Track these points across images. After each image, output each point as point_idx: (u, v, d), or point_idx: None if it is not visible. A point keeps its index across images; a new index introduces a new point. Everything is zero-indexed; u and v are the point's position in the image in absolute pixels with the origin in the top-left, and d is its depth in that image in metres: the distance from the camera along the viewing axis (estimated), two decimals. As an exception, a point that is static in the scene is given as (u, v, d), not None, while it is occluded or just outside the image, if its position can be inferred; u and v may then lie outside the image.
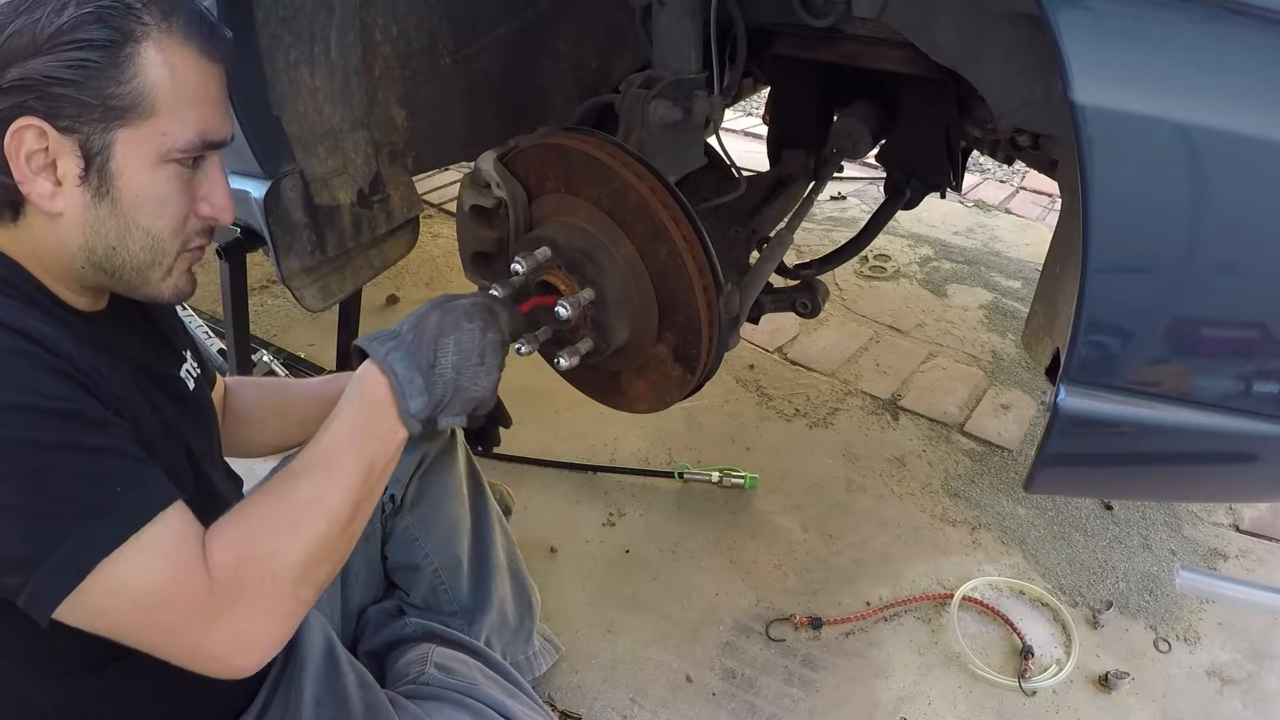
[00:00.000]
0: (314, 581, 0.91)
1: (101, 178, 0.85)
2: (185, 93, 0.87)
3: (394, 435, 0.99)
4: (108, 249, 0.89)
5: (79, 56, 0.81)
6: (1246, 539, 2.02)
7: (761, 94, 2.15)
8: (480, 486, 1.47)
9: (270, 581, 0.86)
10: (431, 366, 1.00)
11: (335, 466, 0.94)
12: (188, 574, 0.82)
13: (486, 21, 1.54)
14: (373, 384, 0.99)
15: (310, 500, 0.92)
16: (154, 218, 0.89)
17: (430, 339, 1.00)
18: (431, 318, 1.02)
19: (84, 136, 0.83)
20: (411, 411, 0.98)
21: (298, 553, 0.88)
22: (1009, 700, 1.62)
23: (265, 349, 2.49)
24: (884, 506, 2.08)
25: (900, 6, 1.19)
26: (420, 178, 1.61)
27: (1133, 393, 0.94)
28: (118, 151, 0.85)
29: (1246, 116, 0.80)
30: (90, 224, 0.87)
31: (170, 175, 0.89)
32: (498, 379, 1.05)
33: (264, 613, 0.86)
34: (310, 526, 0.90)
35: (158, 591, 0.81)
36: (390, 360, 0.99)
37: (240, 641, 0.85)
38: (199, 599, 0.82)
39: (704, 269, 1.16)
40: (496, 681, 1.30)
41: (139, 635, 0.83)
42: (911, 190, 1.73)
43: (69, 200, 0.86)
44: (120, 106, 0.83)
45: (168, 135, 0.86)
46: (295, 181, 1.37)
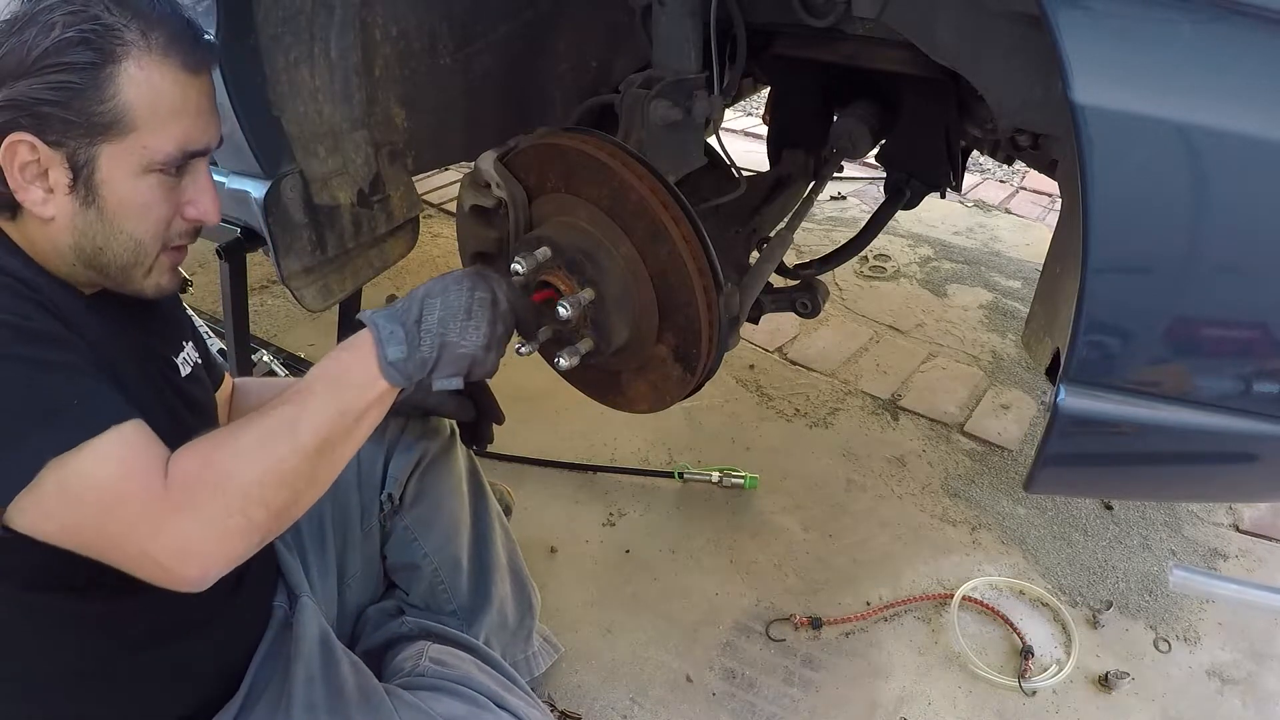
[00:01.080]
0: (267, 505, 0.91)
1: (88, 188, 0.91)
2: (164, 108, 0.92)
3: (372, 383, 1.00)
4: (95, 249, 0.95)
5: (62, 79, 0.87)
6: (1246, 539, 2.02)
7: (761, 94, 2.15)
8: (480, 486, 1.47)
9: (220, 493, 0.88)
10: (417, 322, 1.02)
11: (306, 401, 0.97)
12: (138, 478, 0.85)
13: (486, 21, 1.54)
14: (357, 338, 1.03)
15: (274, 425, 0.94)
16: (137, 223, 0.95)
17: (418, 299, 1.04)
18: (423, 285, 1.06)
19: (70, 150, 0.89)
20: (390, 359, 0.99)
21: (254, 469, 0.90)
22: (1009, 700, 1.62)
23: (265, 349, 2.49)
24: (884, 506, 2.08)
25: (900, 6, 1.19)
26: (420, 178, 1.61)
27: (1133, 393, 0.94)
28: (102, 164, 0.91)
29: (1246, 116, 0.80)
30: (79, 228, 0.93)
31: (153, 184, 0.94)
32: (489, 336, 1.05)
33: (211, 524, 0.87)
34: (272, 449, 0.92)
35: (106, 493, 0.84)
36: (375, 316, 1.03)
37: (185, 549, 0.86)
38: (147, 502, 0.85)
39: (704, 269, 1.16)
40: (491, 675, 1.30)
41: (89, 539, 0.86)
42: (911, 190, 1.73)
43: (60, 207, 0.92)
44: (102, 123, 0.89)
45: (148, 148, 0.92)
46: (295, 181, 1.37)
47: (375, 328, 1.01)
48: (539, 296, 1.19)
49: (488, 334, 1.05)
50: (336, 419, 0.97)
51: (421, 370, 1.02)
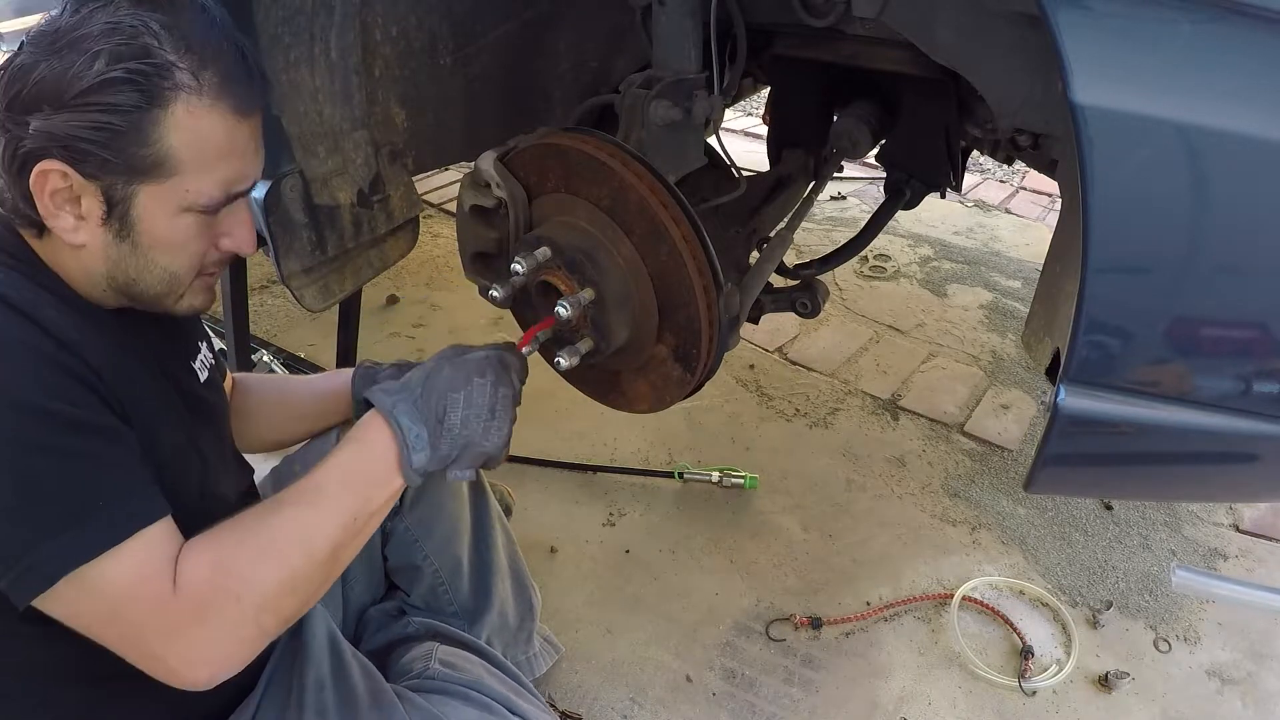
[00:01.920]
0: (279, 612, 0.91)
1: (123, 223, 0.88)
2: (211, 153, 0.88)
3: (389, 484, 0.99)
4: (128, 280, 0.92)
5: (103, 120, 0.82)
6: (1246, 539, 2.02)
7: (761, 94, 2.15)
8: (481, 487, 1.47)
9: (235, 603, 0.87)
10: (439, 421, 1.00)
11: (321, 505, 0.95)
12: (152, 584, 0.84)
13: (486, 21, 1.54)
14: (376, 433, 0.99)
15: (289, 531, 0.92)
16: (172, 258, 0.92)
17: (440, 393, 1.00)
18: (443, 371, 1.02)
19: (106, 184, 0.85)
20: (414, 465, 0.98)
21: (267, 580, 0.89)
22: (1009, 700, 1.62)
23: (265, 349, 2.49)
24: (884, 506, 2.09)
25: (900, 6, 1.19)
26: (420, 178, 1.61)
27: (1133, 393, 0.94)
28: (139, 202, 0.87)
29: (1246, 116, 0.80)
30: (112, 259, 0.90)
31: (190, 222, 0.91)
32: (509, 434, 1.05)
33: (224, 633, 0.87)
34: (284, 556, 0.91)
35: (122, 602, 0.83)
36: (396, 412, 0.99)
37: (196, 658, 0.86)
38: (162, 612, 0.84)
39: (704, 269, 1.16)
40: (501, 679, 1.30)
41: (103, 636, 0.85)
42: (911, 190, 1.73)
43: (91, 235, 0.88)
44: (143, 167, 0.85)
45: (190, 192, 0.88)
46: (295, 181, 1.37)
47: (400, 430, 0.98)
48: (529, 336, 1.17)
49: (507, 432, 1.04)
50: (350, 524, 0.96)
51: (439, 466, 1.02)
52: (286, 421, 1.35)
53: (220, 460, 1.12)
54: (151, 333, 1.02)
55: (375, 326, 2.68)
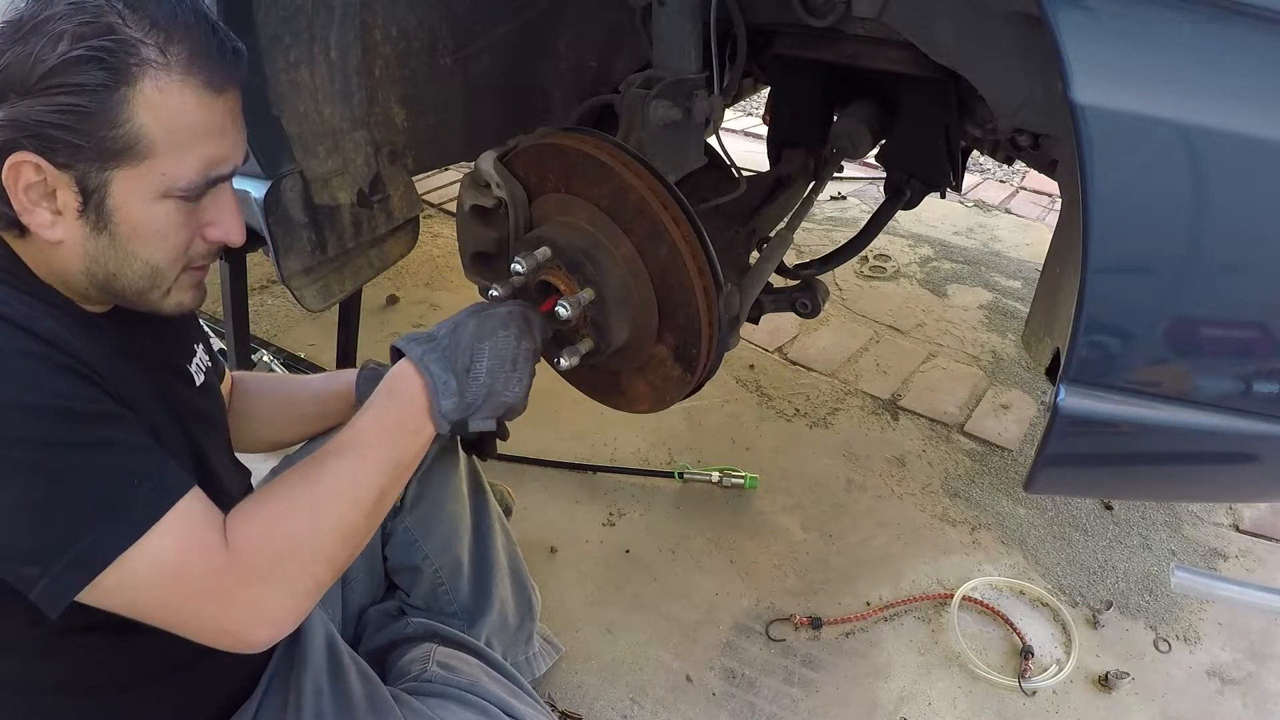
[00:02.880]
0: (333, 563, 0.93)
1: (99, 213, 0.85)
2: (184, 132, 0.84)
3: (422, 431, 1.01)
4: (108, 275, 0.89)
5: (69, 101, 0.79)
6: (1246, 539, 2.02)
7: (761, 94, 2.15)
8: (480, 487, 1.47)
9: (291, 558, 0.88)
10: (467, 370, 1.02)
11: (364, 454, 0.97)
12: (203, 554, 0.84)
13: (486, 21, 1.54)
14: (408, 382, 1.01)
15: (336, 484, 0.94)
16: (153, 250, 0.89)
17: (467, 344, 1.03)
18: (469, 324, 1.04)
19: (80, 173, 0.82)
20: (443, 411, 1.00)
21: (320, 533, 0.91)
22: (1009, 700, 1.62)
23: (265, 349, 2.49)
24: (884, 506, 2.08)
25: (900, 6, 1.19)
26: (420, 178, 1.61)
27: (1133, 393, 0.94)
28: (114, 190, 0.84)
29: (1246, 116, 0.80)
30: (90, 254, 0.87)
31: (170, 210, 0.87)
32: (528, 387, 1.07)
33: (283, 590, 0.88)
34: (335, 509, 0.92)
35: (172, 575, 0.83)
36: (427, 360, 1.01)
37: (256, 616, 0.87)
38: (216, 576, 0.84)
39: (704, 269, 1.16)
40: (499, 681, 1.30)
41: (156, 614, 0.85)
42: (911, 190, 1.73)
43: (69, 230, 0.85)
44: (114, 149, 0.82)
45: (167, 175, 0.85)
46: (295, 181, 1.36)
47: (430, 376, 1.00)
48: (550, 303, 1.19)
49: (527, 385, 1.07)
50: (392, 470, 0.98)
51: (463, 414, 1.03)
52: (288, 423, 1.35)
53: (220, 463, 1.12)
54: (147, 337, 1.01)
55: (375, 326, 2.68)
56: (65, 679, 0.93)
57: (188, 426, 1.02)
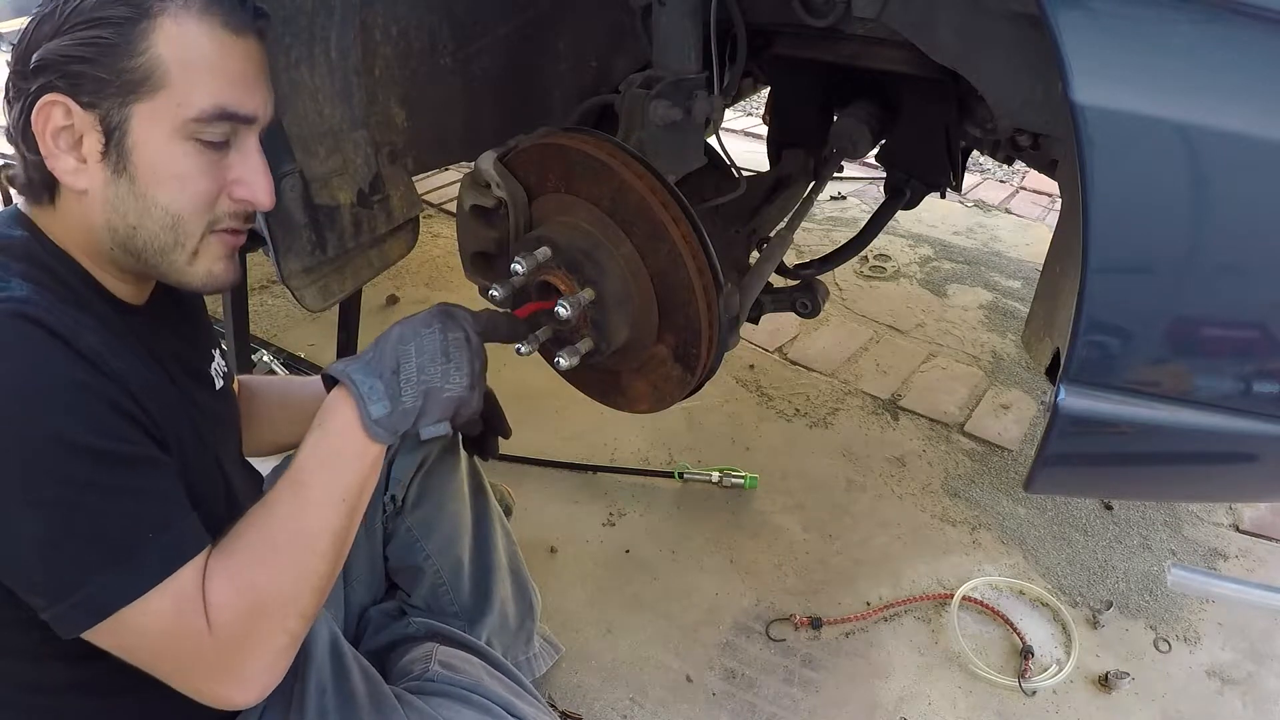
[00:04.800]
0: (304, 613, 0.92)
1: (119, 153, 0.86)
2: (199, 63, 0.86)
3: (363, 450, 0.98)
4: (128, 228, 0.89)
5: (93, 34, 0.83)
6: (1246, 539, 2.02)
7: (761, 94, 2.15)
8: (481, 487, 1.47)
9: (265, 620, 0.89)
10: (395, 372, 0.99)
11: (307, 497, 0.95)
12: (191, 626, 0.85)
13: (486, 21, 1.54)
14: (334, 400, 0.99)
15: (289, 532, 0.93)
16: (173, 196, 0.88)
17: (390, 349, 1.00)
18: (391, 333, 1.02)
19: (104, 112, 0.85)
20: (374, 417, 0.96)
21: (285, 588, 0.91)
22: (1009, 700, 1.62)
23: (265, 349, 2.49)
24: (884, 506, 2.09)
25: (900, 6, 1.19)
26: (420, 178, 1.61)
27: (1133, 393, 0.94)
28: (134, 126, 0.85)
29: (1246, 116, 0.80)
30: (110, 201, 0.88)
31: (190, 152, 0.88)
32: (471, 376, 1.03)
33: (262, 651, 0.89)
34: (293, 559, 0.92)
35: (164, 634, 0.84)
36: (349, 372, 0.99)
37: (243, 682, 0.89)
38: (201, 650, 0.86)
39: (704, 269, 1.16)
40: (501, 680, 1.30)
41: (150, 667, 0.87)
42: (911, 190, 1.73)
43: (92, 177, 0.87)
44: (134, 80, 0.84)
45: (181, 106, 0.86)
46: (295, 181, 1.36)
47: (352, 384, 0.97)
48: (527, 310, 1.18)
49: (469, 374, 1.03)
50: (341, 506, 0.96)
51: (407, 422, 0.99)
52: (290, 424, 1.34)
53: (236, 470, 1.12)
54: (173, 338, 1.02)
55: (375, 326, 2.66)
56: (80, 681, 0.94)
57: (206, 433, 1.02)
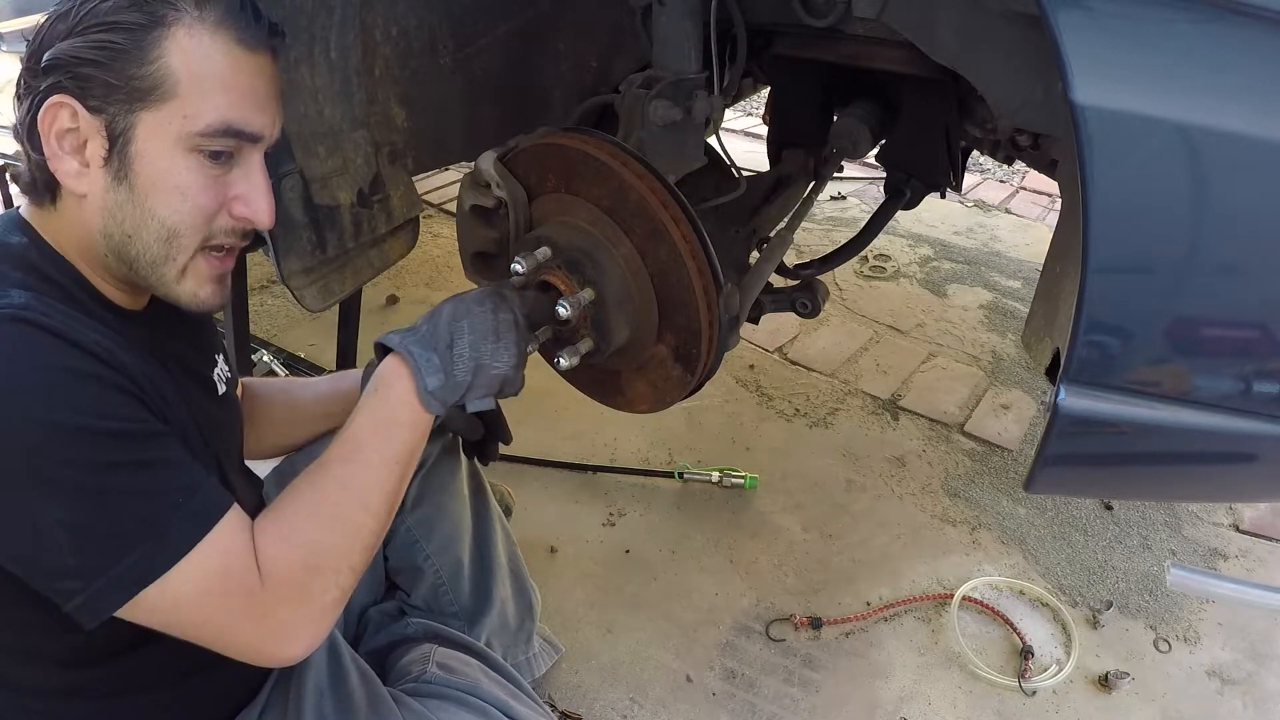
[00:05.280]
0: (354, 570, 0.94)
1: (122, 160, 0.86)
2: (209, 76, 0.86)
3: (417, 420, 1.01)
4: (124, 236, 0.88)
5: (106, 38, 0.83)
6: (1246, 539, 2.02)
7: (761, 94, 2.15)
8: (481, 487, 1.47)
9: (316, 573, 0.90)
10: (449, 347, 1.02)
11: (362, 457, 0.97)
12: (238, 578, 0.86)
13: (487, 21, 1.54)
14: (392, 369, 1.02)
15: (342, 492, 0.95)
16: (170, 209, 0.88)
17: (445, 324, 1.03)
18: (444, 308, 1.05)
19: (109, 117, 0.84)
20: (429, 389, 0.99)
21: (337, 542, 0.92)
22: (1009, 700, 1.62)
23: (265, 349, 2.49)
24: (884, 506, 2.09)
25: (900, 6, 1.19)
26: (420, 178, 1.61)
27: (1133, 393, 0.94)
28: (139, 134, 0.85)
29: (1246, 116, 0.80)
30: (109, 208, 0.87)
31: (192, 165, 0.88)
32: (518, 356, 1.07)
33: (312, 604, 0.90)
34: (346, 516, 0.94)
35: (212, 596, 0.85)
36: (407, 344, 1.01)
37: (290, 633, 0.89)
38: (250, 599, 0.86)
39: (704, 269, 1.16)
40: (499, 682, 1.30)
41: (192, 631, 0.87)
42: (911, 190, 1.73)
43: (93, 182, 0.86)
44: (142, 88, 0.84)
45: (188, 118, 0.85)
46: (295, 181, 1.36)
47: (411, 356, 1.00)
48: None
49: (517, 354, 1.06)
50: (394, 468, 0.98)
51: (456, 395, 1.02)
52: (294, 427, 1.35)
53: (235, 475, 1.12)
54: (176, 341, 1.02)
55: (375, 326, 2.68)
56: (81, 685, 0.94)
57: (209, 437, 1.02)
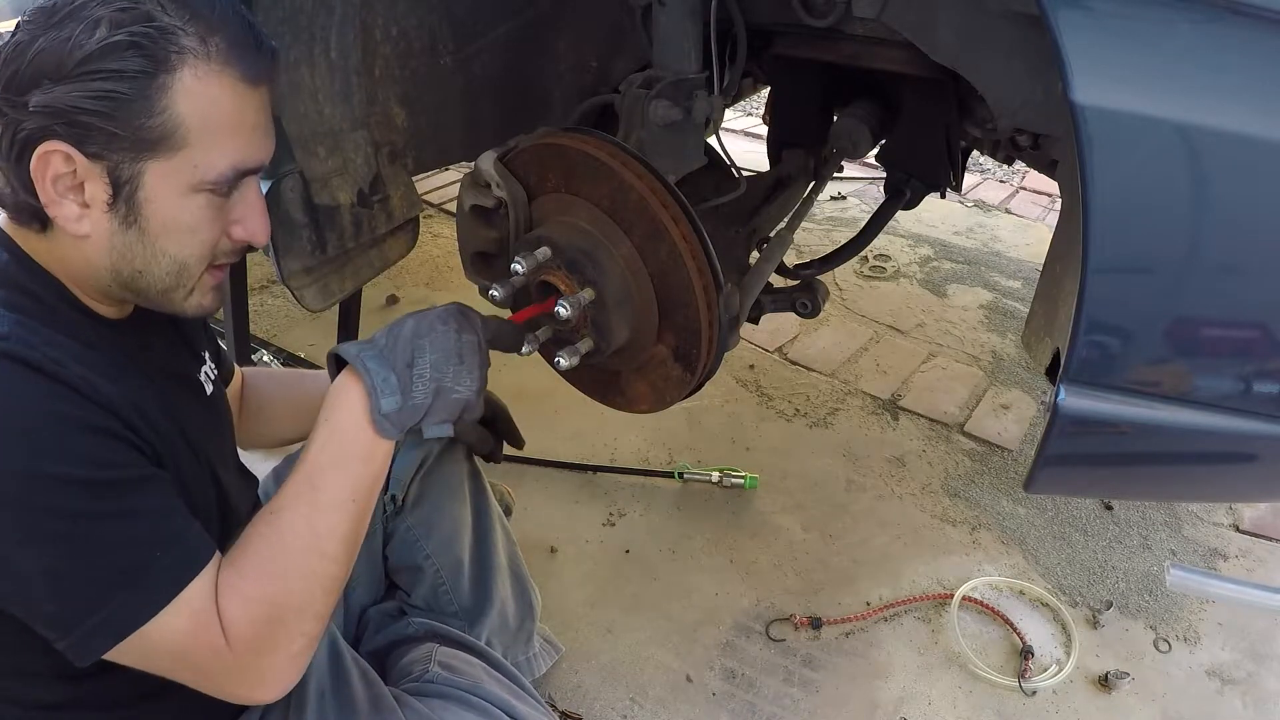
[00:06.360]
0: (319, 616, 0.93)
1: (129, 206, 0.83)
2: (220, 123, 0.84)
3: (372, 450, 0.96)
4: (134, 272, 0.87)
5: (108, 88, 0.78)
6: (1246, 539, 2.02)
7: (761, 94, 2.15)
8: (481, 487, 1.47)
9: (280, 627, 0.90)
10: (408, 365, 0.97)
11: (316, 497, 0.94)
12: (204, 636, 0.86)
13: (486, 21, 1.54)
14: (344, 387, 0.97)
15: (298, 540, 0.92)
16: (181, 246, 0.87)
17: (406, 339, 0.99)
18: (406, 323, 1.01)
19: (112, 164, 0.81)
20: (384, 410, 0.95)
21: (298, 594, 0.91)
22: (1009, 700, 1.62)
23: (265, 349, 2.49)
24: (884, 506, 2.08)
25: (900, 6, 1.19)
26: (420, 178, 1.61)
27: (1133, 393, 0.94)
28: (147, 181, 0.82)
29: (1246, 116, 0.80)
30: (117, 249, 0.85)
31: (201, 204, 0.86)
32: (481, 381, 1.03)
33: (279, 656, 0.90)
34: (304, 565, 0.92)
35: (181, 650, 0.85)
36: (363, 358, 0.97)
37: (263, 683, 0.90)
38: (216, 654, 0.86)
39: (704, 269, 1.16)
40: (501, 681, 1.30)
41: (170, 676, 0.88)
42: (911, 190, 1.73)
43: (96, 224, 0.84)
44: (150, 139, 0.81)
45: (200, 167, 0.84)
46: (295, 181, 1.36)
47: (367, 373, 0.95)
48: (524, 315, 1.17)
49: (479, 379, 1.02)
50: (350, 507, 0.95)
51: (414, 418, 0.97)
52: (298, 420, 1.34)
53: (228, 473, 1.11)
54: (160, 346, 1.01)
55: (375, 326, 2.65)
56: (81, 697, 0.94)
57: (200, 445, 1.01)
